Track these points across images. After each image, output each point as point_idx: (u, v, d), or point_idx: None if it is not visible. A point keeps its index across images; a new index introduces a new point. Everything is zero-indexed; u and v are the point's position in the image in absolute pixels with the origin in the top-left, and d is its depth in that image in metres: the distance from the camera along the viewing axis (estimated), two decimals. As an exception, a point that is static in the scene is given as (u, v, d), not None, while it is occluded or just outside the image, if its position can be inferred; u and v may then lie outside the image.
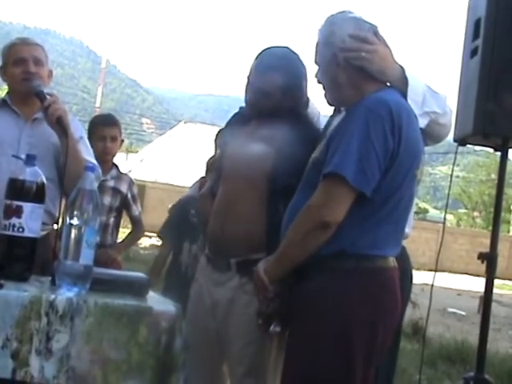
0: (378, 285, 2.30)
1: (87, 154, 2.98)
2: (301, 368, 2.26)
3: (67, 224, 2.08)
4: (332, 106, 2.57)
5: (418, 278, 4.36)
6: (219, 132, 3.97)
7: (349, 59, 2.37)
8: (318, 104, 2.80)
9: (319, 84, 2.48)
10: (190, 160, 30.67)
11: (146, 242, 17.88)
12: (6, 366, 1.90)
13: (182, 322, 2.16)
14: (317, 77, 2.48)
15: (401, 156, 2.25)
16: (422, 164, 2.39)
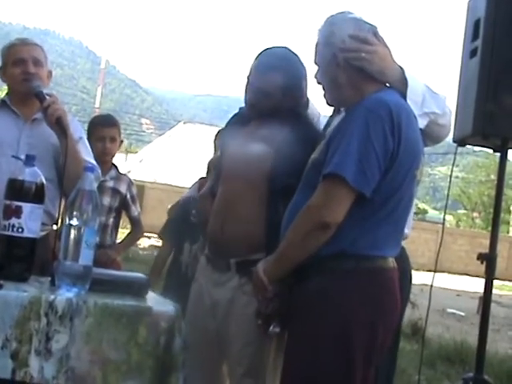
0: (378, 285, 2.29)
1: (87, 154, 2.98)
2: (300, 368, 2.26)
3: (67, 224, 2.08)
4: (332, 107, 2.57)
5: (418, 278, 4.35)
6: (218, 132, 3.97)
7: (348, 60, 2.37)
8: (318, 104, 2.80)
9: (319, 84, 2.48)
10: (190, 160, 30.67)
11: (145, 243, 17.87)
12: (5, 367, 1.90)
13: (182, 323, 2.16)
14: (316, 77, 2.48)
15: (400, 156, 2.25)
16: (422, 164, 2.39)
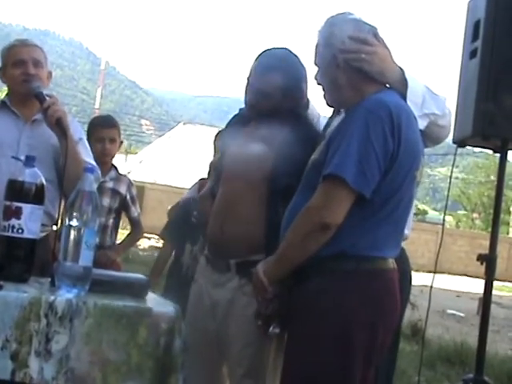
0: (378, 286, 2.29)
1: (86, 155, 2.98)
2: (300, 369, 2.26)
3: (66, 225, 2.07)
4: (331, 108, 2.57)
5: (417, 279, 4.35)
6: (218, 133, 3.97)
7: (348, 60, 2.37)
8: (318, 105, 2.80)
9: (319, 85, 2.48)
10: (189, 161, 30.67)
11: (145, 244, 17.87)
12: (5, 367, 1.89)
13: (182, 323, 2.16)
14: (316, 78, 2.48)
15: (400, 157, 2.25)
16: (422, 165, 2.39)
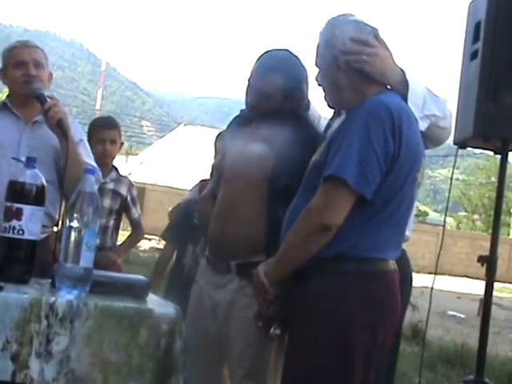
0: (379, 288, 2.29)
1: (87, 156, 2.98)
2: (301, 371, 2.26)
3: (67, 226, 2.07)
4: (332, 109, 2.57)
5: (418, 280, 4.35)
6: (219, 135, 3.97)
7: (349, 62, 2.37)
8: (319, 107, 2.80)
9: (319, 86, 2.48)
10: (190, 163, 30.66)
11: (145, 245, 17.87)
12: (5, 369, 1.89)
13: (182, 325, 2.16)
14: (317, 79, 2.48)
15: (401, 159, 2.25)
16: (423, 167, 2.39)
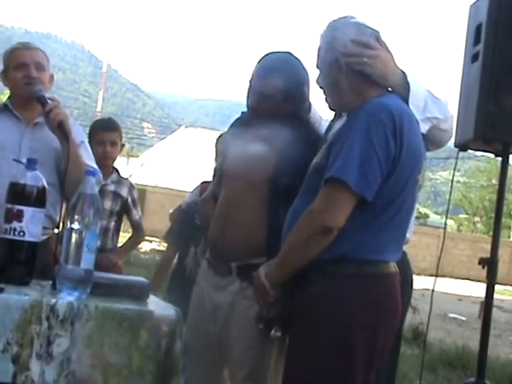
0: (380, 290, 2.29)
1: (88, 158, 2.98)
2: (302, 373, 2.26)
3: (68, 228, 2.07)
4: (333, 111, 2.57)
5: (419, 283, 4.35)
6: (220, 137, 3.97)
7: (351, 64, 2.37)
8: (320, 109, 2.80)
9: (320, 89, 2.48)
10: (191, 164, 30.66)
11: (146, 247, 17.88)
12: (6, 371, 1.89)
13: (183, 326, 2.16)
14: (318, 81, 2.47)
15: (402, 161, 2.25)
16: (424, 169, 2.39)
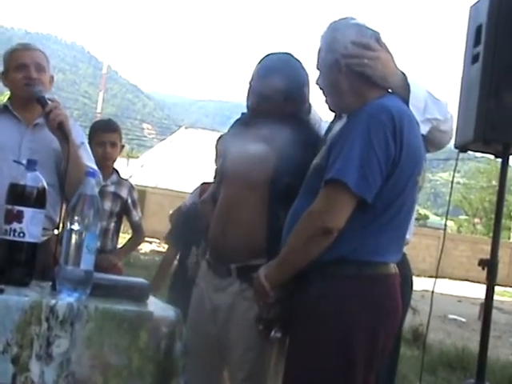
0: (379, 291, 2.29)
1: (88, 159, 2.98)
2: (302, 374, 2.26)
3: (68, 229, 2.07)
4: (333, 112, 2.57)
5: (419, 284, 4.35)
6: (220, 138, 3.97)
7: (351, 65, 2.37)
8: (320, 110, 2.80)
9: (320, 90, 2.48)
10: (191, 165, 30.67)
11: (146, 248, 17.88)
12: (6, 371, 1.89)
13: (182, 327, 2.16)
14: (318, 83, 2.47)
15: (402, 162, 2.25)
16: (424, 170, 2.39)
